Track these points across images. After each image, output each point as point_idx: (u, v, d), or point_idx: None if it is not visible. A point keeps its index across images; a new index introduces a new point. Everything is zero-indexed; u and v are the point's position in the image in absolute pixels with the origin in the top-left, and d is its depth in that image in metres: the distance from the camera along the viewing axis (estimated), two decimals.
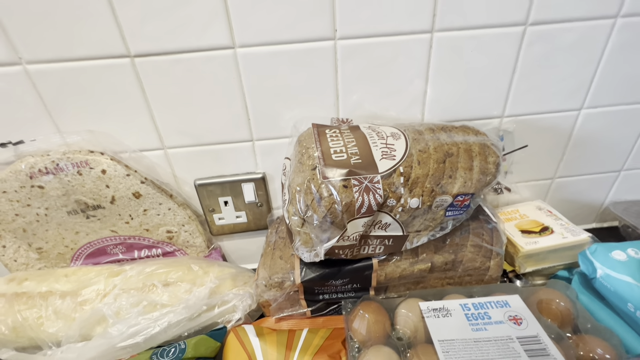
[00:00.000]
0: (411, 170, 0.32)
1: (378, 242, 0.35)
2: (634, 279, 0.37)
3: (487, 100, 0.46)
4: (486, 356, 0.33)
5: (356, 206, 0.30)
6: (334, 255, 0.35)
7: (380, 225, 0.34)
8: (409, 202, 0.32)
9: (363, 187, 0.30)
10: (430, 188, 0.32)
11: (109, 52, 0.37)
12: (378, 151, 0.32)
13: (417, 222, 0.35)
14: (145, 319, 0.38)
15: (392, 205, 0.32)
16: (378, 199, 0.31)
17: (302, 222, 0.33)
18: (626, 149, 0.53)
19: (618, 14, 0.41)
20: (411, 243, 0.37)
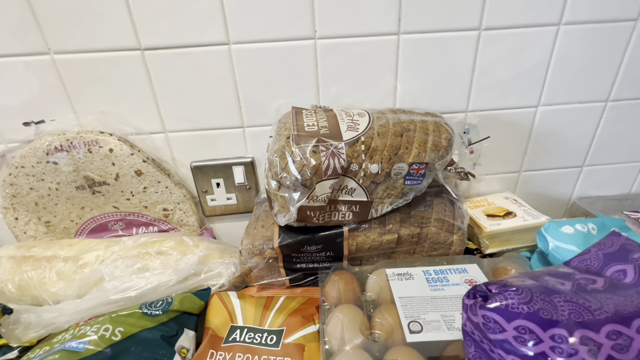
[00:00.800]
0: (372, 140, 0.37)
1: (346, 208, 0.40)
2: (578, 248, 0.40)
3: (452, 96, 0.52)
4: (440, 309, 0.36)
5: (323, 168, 0.36)
6: (307, 219, 0.40)
7: (346, 190, 0.38)
8: (369, 167, 0.37)
9: (329, 153, 0.36)
10: (388, 156, 0.37)
11: (123, 45, 0.44)
12: (344, 125, 0.38)
13: (380, 189, 0.39)
14: (137, 278, 0.43)
15: (355, 170, 0.37)
16: (342, 162, 0.36)
17: (278, 185, 0.38)
18: (585, 145, 0.58)
19: (560, 22, 0.47)
20: (376, 211, 0.41)
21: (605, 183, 0.62)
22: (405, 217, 0.45)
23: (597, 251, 0.22)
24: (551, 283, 0.19)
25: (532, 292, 0.18)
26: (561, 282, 0.19)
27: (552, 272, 0.21)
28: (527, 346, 0.17)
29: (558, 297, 0.18)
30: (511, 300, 0.18)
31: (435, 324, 0.35)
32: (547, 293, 0.18)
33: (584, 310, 0.17)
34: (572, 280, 0.20)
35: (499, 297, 0.19)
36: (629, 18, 0.48)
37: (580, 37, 0.49)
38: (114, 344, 0.35)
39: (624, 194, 0.63)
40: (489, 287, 0.20)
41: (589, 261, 0.21)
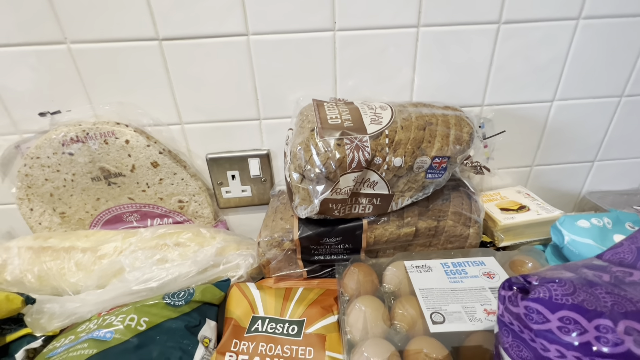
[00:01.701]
0: (395, 134, 0.37)
1: (367, 201, 0.40)
2: (595, 242, 0.41)
3: (468, 90, 0.52)
4: (460, 301, 0.37)
5: (347, 161, 0.36)
6: (328, 212, 0.40)
7: (368, 183, 0.39)
8: (393, 160, 0.37)
9: (354, 146, 0.36)
10: (412, 150, 0.37)
11: (141, 35, 0.44)
12: (367, 118, 0.38)
13: (401, 182, 0.40)
14: (158, 269, 0.43)
15: (379, 163, 0.37)
16: (366, 155, 0.36)
17: (301, 178, 0.38)
18: (597, 140, 0.58)
19: (579, 16, 0.47)
20: (396, 204, 0.42)
21: (615, 178, 0.62)
22: (423, 210, 0.45)
23: (630, 244, 0.22)
24: (590, 275, 0.20)
25: (574, 284, 0.19)
26: (598, 274, 0.20)
27: (588, 265, 0.21)
28: (572, 336, 0.17)
29: (599, 289, 0.18)
30: (555, 291, 0.19)
31: (457, 315, 0.35)
32: (589, 285, 0.19)
33: (626, 301, 0.18)
34: (609, 273, 0.20)
35: (542, 289, 0.19)
36: None
37: (598, 31, 0.48)
38: (139, 333, 0.36)
39: (634, 188, 0.64)
40: (528, 279, 0.20)
41: (623, 254, 0.22)
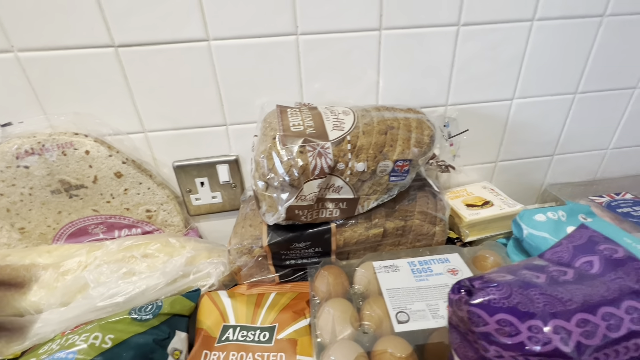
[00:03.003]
0: (357, 139, 0.38)
1: (333, 205, 0.41)
2: (550, 235, 0.43)
3: (432, 90, 0.53)
4: (425, 299, 0.38)
5: (310, 168, 0.36)
6: (295, 217, 0.40)
7: (333, 189, 0.39)
8: (355, 166, 0.37)
9: (316, 153, 0.36)
10: (374, 154, 0.38)
11: (94, 42, 0.42)
12: (330, 124, 0.38)
13: (366, 186, 0.40)
14: (124, 283, 0.42)
15: (342, 169, 0.38)
16: (329, 162, 0.36)
17: (266, 186, 0.38)
18: (556, 135, 0.61)
19: (534, 18, 0.49)
20: (363, 207, 0.42)
21: (573, 170, 0.66)
22: (390, 211, 0.46)
23: (567, 243, 0.24)
24: (528, 277, 0.21)
25: (511, 287, 0.20)
26: (536, 275, 0.21)
27: (529, 265, 0.23)
28: (507, 337, 0.19)
29: (534, 290, 0.20)
30: (492, 295, 0.20)
31: (421, 313, 0.36)
32: (524, 287, 0.20)
33: (557, 301, 0.19)
34: (546, 273, 0.21)
35: (482, 293, 0.20)
36: (596, 14, 0.50)
37: (552, 32, 0.51)
38: (104, 351, 0.35)
39: (590, 179, 0.67)
40: (473, 283, 0.22)
41: (561, 253, 0.23)
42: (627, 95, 0.59)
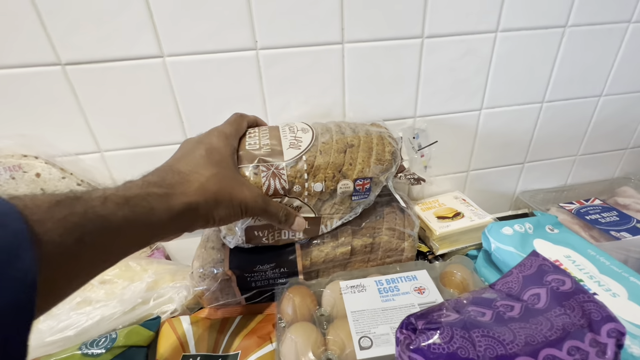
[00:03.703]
0: (314, 159, 0.37)
1: None
2: (516, 249, 0.43)
3: (399, 102, 0.52)
4: (390, 321, 0.37)
5: (264, 189, 0.35)
6: (256, 239, 0.39)
7: (293, 208, 0.38)
8: (313, 186, 0.36)
9: (270, 173, 0.35)
10: (332, 174, 0.37)
11: (39, 61, 0.40)
12: (287, 142, 0.37)
13: (327, 206, 0.39)
14: (77, 314, 0.40)
15: (299, 190, 0.36)
16: (283, 183, 0.35)
17: None
18: (525, 143, 0.61)
19: (497, 29, 0.49)
20: (326, 226, 0.41)
21: (544, 177, 0.66)
22: (357, 229, 0.45)
23: (518, 273, 0.23)
24: (473, 315, 0.20)
25: (452, 330, 0.19)
26: (482, 312, 0.20)
27: (477, 299, 0.22)
28: None
29: (477, 332, 0.19)
30: (432, 340, 0.19)
31: (385, 337, 0.35)
32: (467, 328, 0.19)
33: (498, 344, 0.18)
34: (493, 309, 0.21)
35: (423, 338, 0.19)
36: (559, 25, 0.50)
37: (516, 43, 0.51)
38: None
39: (561, 185, 0.68)
40: (417, 322, 0.21)
41: (511, 284, 0.23)
42: (592, 103, 0.59)
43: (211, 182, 0.30)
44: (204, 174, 0.30)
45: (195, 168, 0.30)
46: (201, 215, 0.29)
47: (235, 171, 0.33)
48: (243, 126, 0.39)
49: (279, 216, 0.36)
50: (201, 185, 0.29)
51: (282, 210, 0.36)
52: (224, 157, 0.33)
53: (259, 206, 0.33)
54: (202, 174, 0.30)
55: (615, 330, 0.19)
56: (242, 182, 0.33)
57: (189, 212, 0.28)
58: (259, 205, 0.33)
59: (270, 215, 0.35)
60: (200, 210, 0.29)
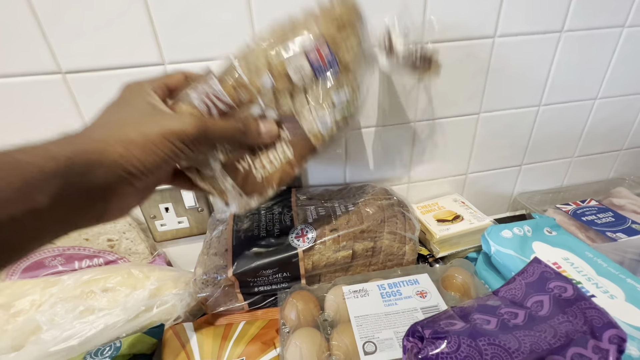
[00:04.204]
0: (245, 55, 0.31)
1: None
2: (515, 252, 0.44)
3: (399, 106, 0.52)
4: (393, 325, 0.38)
5: (204, 113, 0.30)
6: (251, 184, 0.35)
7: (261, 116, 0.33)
8: (259, 83, 0.31)
9: (202, 92, 0.30)
10: (267, 62, 0.31)
11: (39, 69, 0.40)
12: (212, 64, 0.34)
13: (298, 100, 0.33)
14: (80, 323, 0.40)
15: (247, 95, 0.31)
16: (222, 96, 0.30)
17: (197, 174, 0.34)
18: (523, 145, 0.62)
19: (495, 35, 0.50)
20: (309, 123, 0.34)
21: (541, 178, 0.67)
22: (358, 233, 0.45)
23: (520, 280, 0.23)
24: (479, 323, 0.21)
25: (459, 339, 0.19)
26: (487, 319, 0.21)
27: (482, 306, 0.22)
28: None
29: (483, 341, 0.19)
30: (440, 349, 0.19)
31: (389, 342, 0.36)
32: (474, 337, 0.20)
33: (504, 352, 0.19)
34: (497, 317, 0.21)
35: (430, 347, 0.20)
36: (555, 30, 0.51)
37: (512, 48, 0.51)
38: None
39: (557, 187, 0.69)
40: (424, 331, 0.21)
41: (514, 291, 0.23)
42: (588, 106, 0.60)
43: (113, 128, 0.24)
44: (106, 123, 0.25)
45: (99, 124, 0.25)
46: (114, 167, 0.23)
47: (150, 111, 0.27)
48: (172, 79, 0.32)
49: (233, 128, 0.30)
50: (103, 136, 0.23)
51: (235, 123, 0.30)
52: (132, 102, 0.28)
53: (195, 126, 0.26)
54: (104, 123, 0.25)
55: (616, 336, 0.19)
56: (161, 116, 0.27)
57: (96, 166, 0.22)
58: (193, 125, 0.26)
59: (220, 132, 0.29)
60: (108, 160, 0.22)
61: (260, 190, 0.36)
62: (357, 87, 0.34)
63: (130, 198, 0.27)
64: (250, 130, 0.32)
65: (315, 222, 0.46)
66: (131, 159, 0.23)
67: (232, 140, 0.32)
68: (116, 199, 0.24)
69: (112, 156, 0.22)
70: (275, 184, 0.36)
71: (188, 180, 0.35)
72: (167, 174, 0.33)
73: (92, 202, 0.23)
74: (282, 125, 0.34)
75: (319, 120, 0.34)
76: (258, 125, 0.32)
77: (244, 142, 0.32)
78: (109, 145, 0.23)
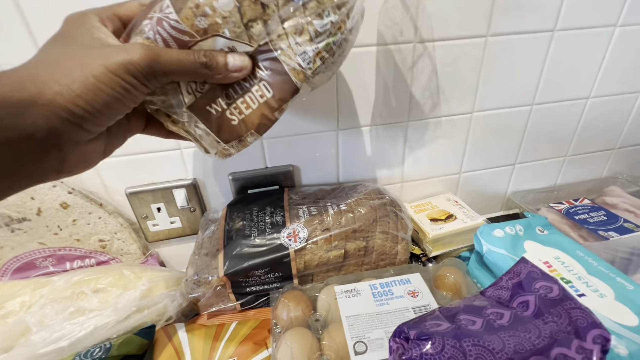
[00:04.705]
0: None
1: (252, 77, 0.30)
2: (507, 252, 0.44)
3: (392, 106, 0.52)
4: (384, 325, 0.38)
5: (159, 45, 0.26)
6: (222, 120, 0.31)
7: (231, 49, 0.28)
8: (217, 6, 0.25)
9: (155, 21, 0.26)
10: None
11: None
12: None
13: (272, 29, 0.27)
14: (70, 324, 0.39)
15: (207, 21, 0.26)
16: (178, 25, 0.26)
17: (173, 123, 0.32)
18: (516, 145, 0.62)
19: (487, 34, 0.50)
20: (287, 56, 0.29)
21: (534, 177, 0.67)
22: (350, 233, 0.45)
23: (507, 280, 0.23)
24: (464, 324, 0.21)
25: (444, 340, 0.19)
26: (473, 320, 0.21)
27: (468, 307, 0.22)
28: None
29: (467, 341, 0.19)
30: (424, 350, 0.19)
31: (379, 342, 0.36)
32: (458, 338, 0.20)
33: (488, 353, 0.19)
34: (483, 317, 0.21)
35: (415, 348, 0.20)
36: (547, 29, 0.51)
37: (504, 47, 0.51)
38: None
39: (551, 185, 0.69)
40: (410, 332, 0.21)
41: (501, 291, 0.23)
42: (581, 105, 0.60)
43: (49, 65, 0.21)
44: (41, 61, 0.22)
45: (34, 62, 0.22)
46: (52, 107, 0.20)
47: (94, 44, 0.24)
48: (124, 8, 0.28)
49: (192, 61, 0.26)
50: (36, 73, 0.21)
51: (195, 54, 0.26)
52: (74, 36, 0.24)
53: (144, 56, 0.23)
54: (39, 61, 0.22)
55: (600, 336, 0.19)
56: (106, 48, 0.23)
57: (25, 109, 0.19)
58: (141, 55, 0.23)
59: (176, 64, 0.25)
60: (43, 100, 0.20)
61: (239, 136, 0.32)
62: (346, 5, 0.28)
63: (90, 146, 0.24)
64: (216, 63, 0.27)
65: (307, 221, 0.46)
66: (72, 98, 0.21)
67: (195, 75, 0.27)
68: (70, 146, 0.22)
69: (47, 95, 0.20)
70: (254, 130, 0.32)
71: (162, 127, 0.32)
72: (138, 120, 0.30)
73: (42, 149, 0.21)
74: (257, 62, 0.29)
75: (298, 51, 0.28)
76: (226, 58, 0.27)
77: (210, 77, 0.28)
78: (43, 84, 0.20)
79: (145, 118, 0.32)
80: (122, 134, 0.29)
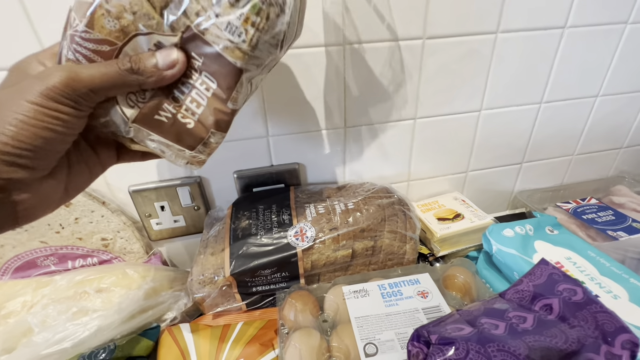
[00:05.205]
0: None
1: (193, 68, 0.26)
2: (517, 252, 0.43)
3: (399, 103, 0.52)
4: (395, 327, 0.37)
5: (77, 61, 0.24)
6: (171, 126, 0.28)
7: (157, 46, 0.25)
8: (116, 1, 0.23)
9: (68, 38, 0.24)
10: None
11: None
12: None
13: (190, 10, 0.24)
14: (73, 325, 0.38)
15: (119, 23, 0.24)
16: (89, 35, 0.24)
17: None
18: (523, 144, 0.61)
19: (497, 30, 0.49)
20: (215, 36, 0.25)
21: (541, 176, 0.66)
22: (358, 232, 0.45)
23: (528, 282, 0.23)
24: (487, 328, 0.20)
25: (468, 345, 0.19)
26: (495, 324, 0.20)
27: (489, 310, 0.22)
28: None
29: (492, 346, 0.19)
30: (447, 355, 0.19)
31: (390, 343, 0.35)
32: (483, 342, 0.19)
33: (513, 358, 0.18)
34: (505, 321, 0.21)
35: (438, 353, 0.19)
36: (558, 26, 0.50)
37: (516, 44, 0.50)
38: None
39: (557, 185, 0.69)
40: (431, 336, 0.20)
41: (521, 293, 0.22)
42: (589, 103, 0.60)
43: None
44: None
45: None
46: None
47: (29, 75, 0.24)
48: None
49: (115, 70, 0.24)
50: None
51: (119, 62, 0.24)
52: (13, 83, 0.24)
53: (60, 79, 0.22)
54: None
55: (629, 341, 0.19)
56: (28, 82, 0.22)
57: None
58: (57, 78, 0.22)
59: (99, 77, 0.23)
60: None
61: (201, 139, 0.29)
62: None
63: (44, 186, 0.23)
64: (144, 66, 0.24)
65: (314, 220, 0.45)
66: (5, 140, 0.20)
67: (126, 85, 0.25)
68: (18, 188, 0.22)
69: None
70: (214, 128, 0.29)
71: (132, 151, 0.30)
72: (108, 151, 0.29)
73: None
74: (190, 52, 0.26)
75: (222, 25, 0.24)
76: (153, 57, 0.25)
77: (144, 83, 0.25)
78: None
79: (116, 147, 0.30)
80: (88, 169, 0.27)
